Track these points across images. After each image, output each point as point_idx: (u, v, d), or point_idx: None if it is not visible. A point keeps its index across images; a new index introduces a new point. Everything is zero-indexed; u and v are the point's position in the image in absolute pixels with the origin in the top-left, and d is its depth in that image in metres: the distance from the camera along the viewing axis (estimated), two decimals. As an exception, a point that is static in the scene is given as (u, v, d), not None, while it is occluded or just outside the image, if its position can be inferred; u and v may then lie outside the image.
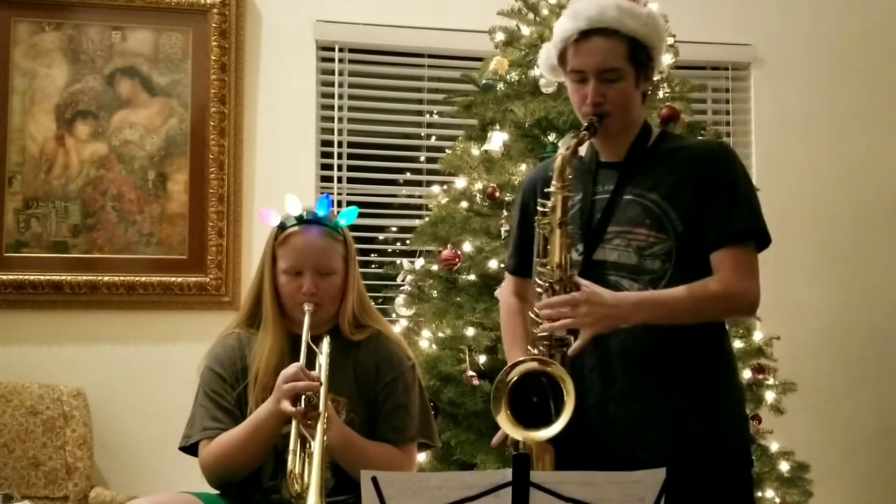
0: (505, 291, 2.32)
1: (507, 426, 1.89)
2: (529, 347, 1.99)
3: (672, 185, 2.01)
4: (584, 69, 2.00)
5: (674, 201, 2.00)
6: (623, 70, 2.00)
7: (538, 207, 1.99)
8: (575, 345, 1.91)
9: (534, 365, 1.90)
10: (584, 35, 1.99)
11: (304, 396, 2.02)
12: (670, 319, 1.96)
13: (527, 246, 2.18)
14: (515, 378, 1.90)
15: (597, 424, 1.96)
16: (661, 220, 1.99)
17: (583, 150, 2.13)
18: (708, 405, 2.01)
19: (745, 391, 2.17)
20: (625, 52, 2.00)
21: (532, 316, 1.97)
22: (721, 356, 2.10)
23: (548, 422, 1.86)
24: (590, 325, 1.89)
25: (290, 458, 1.98)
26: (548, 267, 1.94)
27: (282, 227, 2.25)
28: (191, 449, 2.21)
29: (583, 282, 1.93)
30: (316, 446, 1.95)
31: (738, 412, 2.12)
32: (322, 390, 2.03)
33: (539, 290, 1.96)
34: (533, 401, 1.89)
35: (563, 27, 2.03)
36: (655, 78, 3.23)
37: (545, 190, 1.99)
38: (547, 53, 2.14)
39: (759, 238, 2.03)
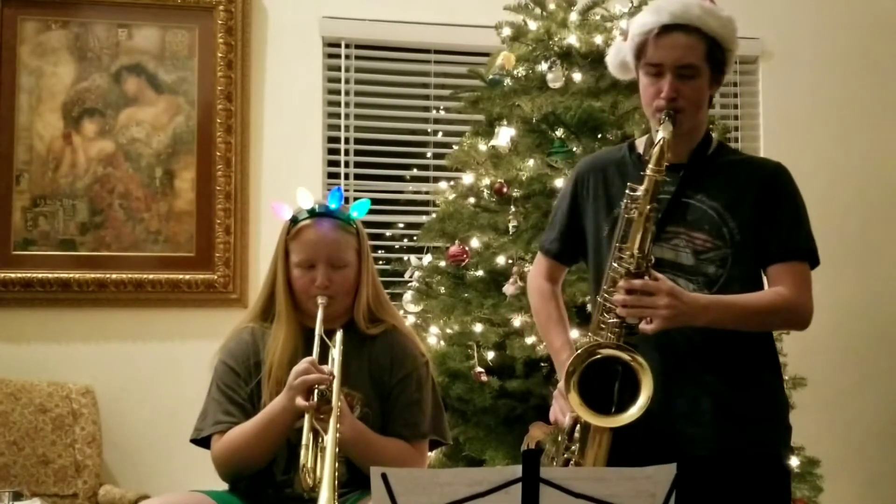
0: (537, 274, 2.28)
1: (575, 404, 1.88)
2: (591, 334, 1.98)
3: (733, 195, 2.03)
4: (662, 63, 2.00)
5: (734, 212, 2.02)
6: (700, 68, 2.01)
7: (627, 191, 1.97)
8: (646, 327, 1.89)
9: (620, 353, 1.89)
10: (666, 30, 1.99)
11: (317, 390, 2.02)
12: (735, 325, 1.98)
13: (573, 233, 2.19)
14: (596, 359, 1.89)
15: (648, 416, 1.94)
16: (720, 227, 2.01)
17: (640, 148, 2.13)
18: (758, 408, 2.03)
19: (788, 400, 2.20)
20: (703, 51, 2.00)
21: (601, 301, 1.96)
22: (771, 361, 2.11)
23: (608, 408, 1.88)
24: (665, 318, 1.88)
25: (302, 452, 1.98)
26: (627, 253, 1.93)
27: (294, 220, 2.25)
28: (202, 442, 2.21)
29: (659, 275, 1.92)
30: (329, 440, 1.95)
31: (783, 419, 2.13)
32: (335, 384, 2.03)
33: (614, 275, 1.94)
34: (597, 384, 1.89)
35: (644, 21, 2.03)
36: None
37: (641, 173, 1.96)
38: (617, 49, 2.15)
39: (814, 260, 2.08)
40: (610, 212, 2.09)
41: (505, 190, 3.11)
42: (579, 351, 1.92)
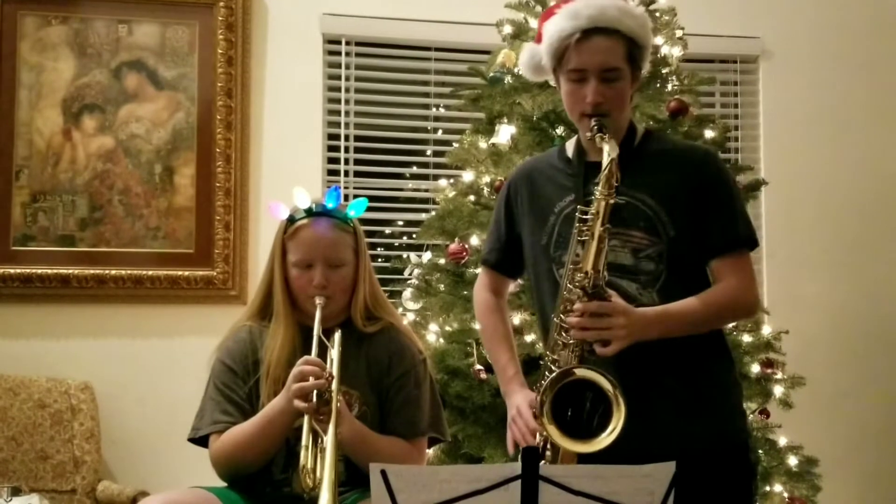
0: (481, 287, 2.29)
1: (552, 431, 1.87)
2: (549, 353, 1.97)
3: (663, 188, 2.02)
4: (585, 68, 1.99)
5: (666, 205, 2.01)
6: (623, 70, 2.01)
7: (577, 214, 1.96)
8: (604, 350, 1.89)
9: (597, 377, 1.86)
10: (586, 34, 1.98)
11: (315, 391, 2.02)
12: (686, 332, 1.99)
13: (511, 243, 2.20)
14: (567, 382, 1.87)
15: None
16: (653, 223, 2.01)
17: (569, 151, 2.14)
18: (710, 401, 2.03)
19: (741, 385, 2.19)
20: (624, 52, 2.00)
21: (556, 321, 1.96)
22: (720, 351, 2.13)
23: (580, 429, 1.86)
24: (621, 338, 1.88)
25: (302, 453, 1.98)
26: (580, 273, 1.91)
27: (291, 219, 2.25)
28: (200, 441, 2.21)
29: (612, 293, 1.92)
30: (328, 443, 1.95)
31: (737, 407, 2.15)
32: (333, 385, 2.03)
33: (567, 294, 1.93)
34: (569, 406, 1.87)
35: (562, 27, 2.01)
36: (665, 70, 3.24)
37: (587, 198, 1.96)
38: (531, 53, 2.13)
39: (752, 244, 2.10)
40: (545, 222, 2.09)
41: (505, 188, 3.11)
42: (552, 376, 1.88)
